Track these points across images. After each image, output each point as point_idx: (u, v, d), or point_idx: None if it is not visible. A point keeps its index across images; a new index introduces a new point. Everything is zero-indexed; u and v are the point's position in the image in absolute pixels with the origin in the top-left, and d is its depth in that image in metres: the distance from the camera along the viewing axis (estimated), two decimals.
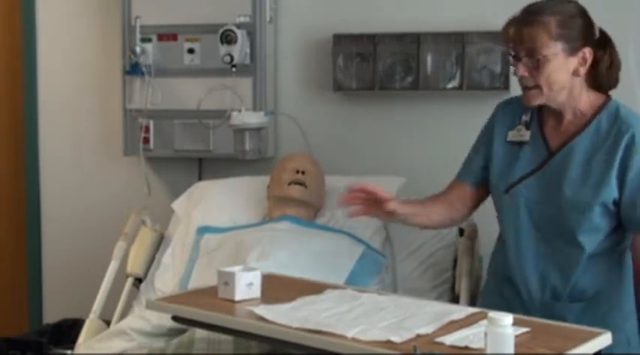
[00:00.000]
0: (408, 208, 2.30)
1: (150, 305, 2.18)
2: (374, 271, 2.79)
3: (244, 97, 3.29)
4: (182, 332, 2.50)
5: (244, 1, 3.34)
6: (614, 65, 2.23)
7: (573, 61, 2.12)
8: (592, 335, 1.77)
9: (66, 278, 3.79)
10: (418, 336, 1.75)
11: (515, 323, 1.61)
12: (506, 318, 1.58)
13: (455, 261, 2.86)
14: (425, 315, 1.90)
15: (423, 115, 3.35)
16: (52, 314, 3.73)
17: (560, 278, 2.17)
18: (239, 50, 3.26)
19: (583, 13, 2.17)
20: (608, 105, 2.19)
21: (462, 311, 1.94)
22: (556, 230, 2.17)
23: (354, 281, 2.64)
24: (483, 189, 2.36)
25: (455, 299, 2.68)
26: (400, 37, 3.27)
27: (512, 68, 2.21)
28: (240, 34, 3.26)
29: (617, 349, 2.04)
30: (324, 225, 2.96)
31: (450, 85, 3.25)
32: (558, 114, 2.20)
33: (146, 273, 3.03)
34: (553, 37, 2.08)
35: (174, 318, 2.14)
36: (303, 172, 2.98)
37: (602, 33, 2.21)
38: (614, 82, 2.24)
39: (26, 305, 3.88)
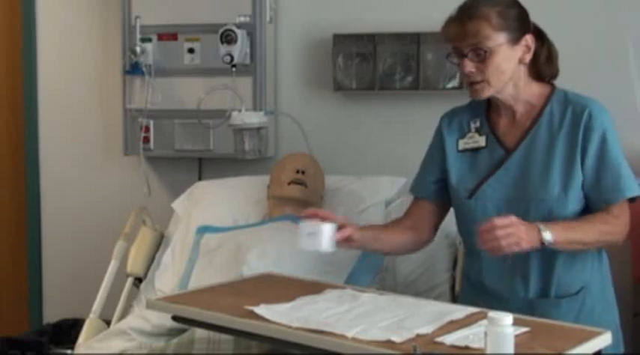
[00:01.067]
0: (365, 233, 2.25)
1: (150, 305, 2.18)
2: (374, 271, 2.79)
3: (244, 97, 3.29)
4: (182, 331, 2.50)
5: (244, 1, 3.34)
6: (552, 55, 2.24)
7: (518, 50, 2.14)
8: (592, 335, 1.77)
9: (66, 278, 3.79)
10: (418, 336, 1.75)
11: (515, 323, 1.61)
12: (507, 318, 1.58)
13: (455, 261, 2.86)
14: (425, 315, 1.90)
15: (423, 115, 3.35)
16: (52, 313, 3.73)
17: (542, 275, 2.16)
18: (239, 50, 3.26)
19: (517, 3, 2.18)
20: (556, 93, 2.21)
21: (462, 311, 1.94)
22: None
23: (354, 281, 2.64)
24: (442, 204, 2.34)
25: (455, 299, 2.68)
26: (400, 37, 3.28)
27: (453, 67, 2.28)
28: (240, 33, 3.26)
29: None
30: None
31: (450, 85, 3.25)
32: (510, 111, 2.21)
33: (146, 273, 3.03)
34: (496, 28, 2.09)
35: (175, 318, 2.14)
36: (303, 172, 2.98)
37: (534, 25, 2.22)
38: (555, 72, 2.26)
39: (26, 304, 3.88)
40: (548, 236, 1.99)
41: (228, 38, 3.25)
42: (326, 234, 2.08)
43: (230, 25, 3.26)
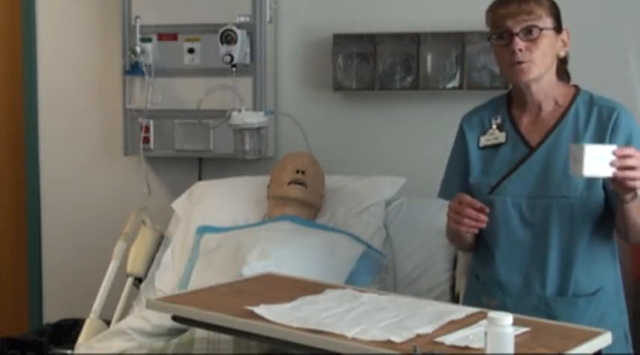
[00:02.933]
0: None
1: (150, 305, 2.18)
2: (374, 271, 2.79)
3: (244, 97, 3.29)
4: (182, 331, 2.50)
5: (244, 1, 3.35)
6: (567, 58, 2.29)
7: (558, 41, 2.19)
8: (592, 335, 1.77)
9: (66, 278, 3.79)
10: (418, 336, 1.75)
11: (516, 323, 1.61)
12: (507, 318, 1.58)
13: (455, 261, 2.86)
14: (425, 315, 1.90)
15: (423, 115, 3.35)
16: (52, 313, 3.73)
17: (560, 272, 2.15)
18: (239, 50, 3.26)
19: None
20: (581, 94, 2.23)
21: (462, 311, 1.94)
22: (548, 222, 2.15)
23: (354, 281, 2.64)
24: None
25: (455, 299, 2.68)
26: (400, 37, 3.28)
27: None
28: (240, 33, 3.26)
29: (618, 345, 2.04)
30: (324, 225, 2.96)
31: (450, 85, 3.25)
32: (536, 108, 2.22)
33: (146, 273, 3.03)
34: (547, 12, 2.15)
35: (175, 318, 2.14)
36: (303, 172, 2.98)
37: None
38: (569, 74, 2.30)
39: (26, 305, 3.88)
40: None
41: (228, 38, 3.25)
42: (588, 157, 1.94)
43: (230, 25, 3.26)
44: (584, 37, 3.15)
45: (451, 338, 1.73)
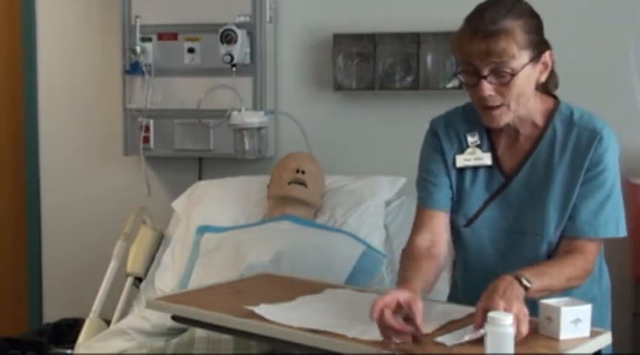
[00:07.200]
0: (419, 283, 1.88)
1: (150, 305, 2.18)
2: (374, 271, 2.79)
3: (244, 97, 3.29)
4: (182, 331, 2.50)
5: (244, 1, 3.34)
6: (554, 62, 1.99)
7: (537, 69, 1.91)
8: (591, 335, 1.77)
9: (66, 277, 3.79)
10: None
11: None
12: (507, 318, 1.58)
13: (454, 262, 2.86)
14: (425, 315, 1.89)
15: (423, 115, 3.33)
16: (52, 313, 3.73)
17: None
18: (239, 50, 3.26)
19: (534, 11, 1.92)
20: (559, 111, 1.99)
21: (461, 311, 1.94)
22: (521, 256, 1.98)
23: (354, 280, 2.64)
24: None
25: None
26: (400, 37, 3.28)
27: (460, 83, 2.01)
28: (240, 33, 3.26)
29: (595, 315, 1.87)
30: (324, 225, 2.96)
31: (450, 85, 3.25)
32: (513, 131, 1.99)
33: (146, 273, 3.03)
34: (521, 45, 1.84)
35: (174, 318, 2.14)
36: (303, 172, 2.98)
37: None
38: (557, 80, 2.04)
39: (26, 304, 3.88)
40: (528, 284, 1.77)
41: (228, 38, 3.25)
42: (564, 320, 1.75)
43: (230, 25, 3.26)
44: (585, 37, 3.17)
45: (451, 338, 1.73)
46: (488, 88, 1.86)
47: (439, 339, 1.73)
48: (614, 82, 3.14)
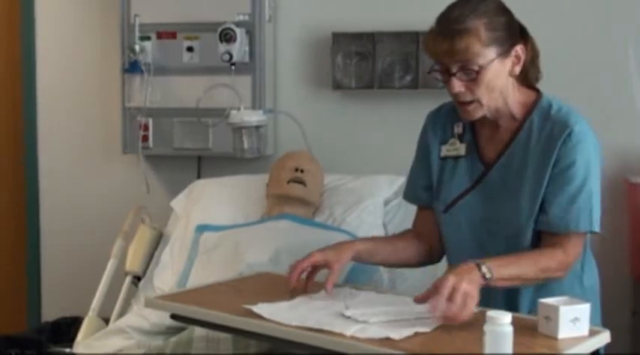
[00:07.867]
0: (365, 245, 2.14)
1: (148, 304, 2.18)
2: (372, 269, 2.78)
3: (243, 96, 3.29)
4: (181, 330, 2.50)
5: (243, 0, 3.34)
6: (536, 55, 2.07)
7: (508, 63, 1.98)
8: (590, 335, 1.77)
9: (65, 276, 3.79)
10: (417, 334, 1.75)
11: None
12: (505, 317, 1.58)
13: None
14: (424, 313, 1.89)
15: (422, 114, 3.33)
16: (50, 312, 3.73)
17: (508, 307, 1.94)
18: (238, 48, 3.26)
19: (503, 8, 2.00)
20: (539, 105, 2.05)
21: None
22: (500, 246, 2.02)
23: (352, 279, 2.63)
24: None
25: None
26: (399, 36, 3.27)
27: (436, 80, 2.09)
28: (239, 32, 3.26)
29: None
30: (323, 224, 2.96)
31: None
32: (493, 123, 2.06)
33: (145, 271, 3.03)
34: (485, 43, 1.93)
35: (173, 316, 2.14)
36: (302, 170, 2.98)
37: (518, 24, 2.04)
38: (539, 74, 2.10)
39: (25, 303, 3.88)
40: (488, 273, 1.83)
41: (227, 37, 3.25)
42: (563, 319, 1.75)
43: (229, 24, 3.26)
44: (584, 37, 3.17)
45: (450, 337, 1.73)
46: (458, 84, 1.97)
47: (347, 313, 1.83)
48: (613, 82, 3.14)
